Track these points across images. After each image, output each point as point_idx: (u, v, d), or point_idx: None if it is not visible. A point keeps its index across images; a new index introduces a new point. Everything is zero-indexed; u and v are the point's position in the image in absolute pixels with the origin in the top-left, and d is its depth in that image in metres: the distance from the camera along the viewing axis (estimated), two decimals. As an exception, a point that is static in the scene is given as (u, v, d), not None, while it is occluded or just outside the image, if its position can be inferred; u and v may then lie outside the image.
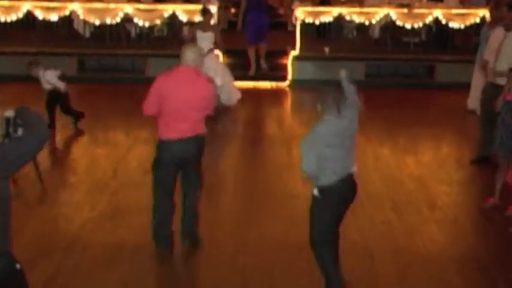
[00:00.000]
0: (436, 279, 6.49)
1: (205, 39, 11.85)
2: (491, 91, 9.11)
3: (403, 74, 13.17)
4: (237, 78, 12.91)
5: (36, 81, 10.64)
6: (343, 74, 6.01)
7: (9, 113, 4.14)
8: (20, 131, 4.14)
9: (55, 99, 10.67)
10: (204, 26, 12.26)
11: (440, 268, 6.70)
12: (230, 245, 7.08)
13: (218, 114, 10.60)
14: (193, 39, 11.82)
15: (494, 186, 8.14)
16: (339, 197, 5.72)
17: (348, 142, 5.74)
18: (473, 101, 11.65)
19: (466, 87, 12.16)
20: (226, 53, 13.73)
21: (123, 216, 7.81)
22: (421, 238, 7.35)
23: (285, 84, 14.56)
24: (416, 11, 15.01)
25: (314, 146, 5.60)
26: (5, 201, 4.01)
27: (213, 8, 14.14)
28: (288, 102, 13.90)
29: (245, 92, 13.29)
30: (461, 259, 6.95)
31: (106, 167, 9.45)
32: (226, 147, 10.55)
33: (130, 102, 13.00)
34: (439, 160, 10.45)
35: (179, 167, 6.62)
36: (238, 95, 12.48)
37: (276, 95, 14.06)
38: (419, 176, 9.41)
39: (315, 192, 5.74)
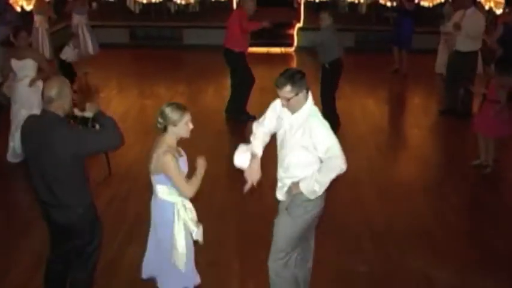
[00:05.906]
0: (406, 199, 6.49)
1: (23, 69, 7.03)
2: (455, 56, 9.09)
3: (384, 41, 12.92)
4: (252, 45, 11.26)
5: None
6: None
7: (89, 114, 3.91)
8: (96, 128, 3.92)
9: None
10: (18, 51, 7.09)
11: (409, 188, 6.69)
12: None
13: None
14: (7, 69, 7.16)
15: (453, 131, 8.08)
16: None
17: None
18: (439, 66, 11.37)
19: (432, 53, 11.89)
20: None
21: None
22: (396, 170, 7.31)
23: (291, 50, 14.39)
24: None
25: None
26: (80, 171, 3.80)
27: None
28: (294, 63, 13.76)
29: (260, 55, 13.13)
30: (425, 184, 6.92)
31: (151, 115, 9.38)
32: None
33: (170, 63, 12.97)
34: (411, 110, 10.31)
35: None
36: None
37: (285, 58, 13.86)
38: (396, 121, 9.31)
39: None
